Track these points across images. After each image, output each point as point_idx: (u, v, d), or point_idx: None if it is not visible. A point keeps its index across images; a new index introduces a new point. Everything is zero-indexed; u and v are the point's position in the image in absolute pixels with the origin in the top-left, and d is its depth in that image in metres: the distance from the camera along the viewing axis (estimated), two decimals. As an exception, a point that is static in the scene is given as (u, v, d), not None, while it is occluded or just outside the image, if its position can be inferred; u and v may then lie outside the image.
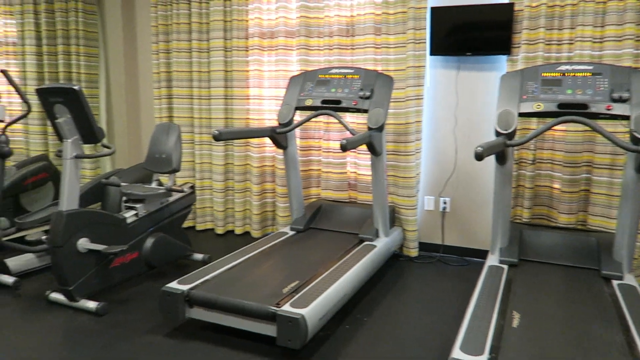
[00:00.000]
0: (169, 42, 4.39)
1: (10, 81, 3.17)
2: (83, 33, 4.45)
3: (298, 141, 4.04)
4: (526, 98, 2.77)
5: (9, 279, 3.12)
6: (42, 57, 4.59)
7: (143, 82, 4.69)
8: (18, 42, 4.60)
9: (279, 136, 3.48)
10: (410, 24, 3.53)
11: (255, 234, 4.31)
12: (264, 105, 4.25)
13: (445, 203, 3.83)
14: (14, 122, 3.25)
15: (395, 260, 3.78)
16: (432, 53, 3.62)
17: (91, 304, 2.79)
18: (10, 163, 4.46)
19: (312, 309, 2.33)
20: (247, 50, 4.17)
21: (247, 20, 4.13)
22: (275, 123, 4.22)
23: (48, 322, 2.71)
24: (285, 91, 3.58)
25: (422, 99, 3.65)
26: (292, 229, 3.66)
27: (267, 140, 4.27)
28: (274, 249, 3.23)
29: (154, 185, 3.44)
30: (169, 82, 4.45)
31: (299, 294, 2.47)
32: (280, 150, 4.01)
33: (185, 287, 2.54)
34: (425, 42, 3.56)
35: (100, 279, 2.91)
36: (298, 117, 4.03)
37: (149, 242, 3.20)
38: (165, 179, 4.05)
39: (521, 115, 2.77)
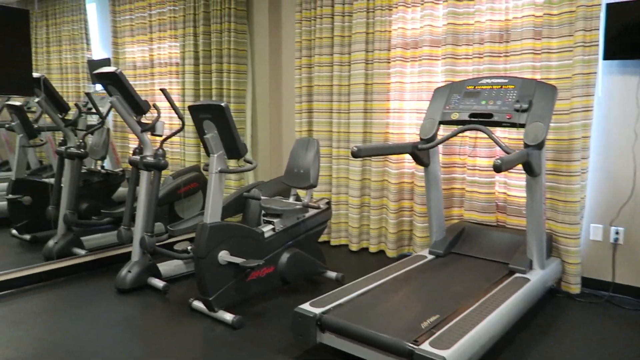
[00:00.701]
0: (311, 57, 4.42)
1: (168, 99, 3.42)
2: (234, 52, 4.70)
3: (441, 157, 3.75)
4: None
5: (159, 283, 3.35)
6: (199, 75, 4.96)
7: (286, 96, 4.80)
8: (180, 62, 5.03)
9: (421, 153, 3.24)
10: (580, 25, 3.05)
11: (390, 253, 4.11)
12: (405, 119, 4.04)
13: (617, 233, 3.23)
14: (170, 137, 3.50)
15: (551, 296, 3.28)
16: (606, 57, 3.09)
17: (228, 316, 2.83)
18: (168, 172, 4.87)
19: (456, 351, 2.06)
20: (388, 62, 4.01)
21: (389, 31, 3.98)
22: (416, 138, 3.98)
23: (189, 329, 2.81)
24: (429, 104, 3.34)
25: (591, 110, 3.13)
26: (431, 253, 3.39)
27: (407, 155, 4.05)
28: (411, 275, 2.99)
29: (292, 199, 3.44)
30: (309, 96, 4.48)
31: (440, 331, 2.21)
32: (421, 167, 3.76)
33: (317, 311, 2.44)
34: (597, 45, 3.05)
35: (238, 292, 2.96)
36: (442, 132, 3.74)
37: (285, 257, 3.19)
38: (303, 193, 4.05)
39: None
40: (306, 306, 2.50)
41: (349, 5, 4.14)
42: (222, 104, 2.76)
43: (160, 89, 3.42)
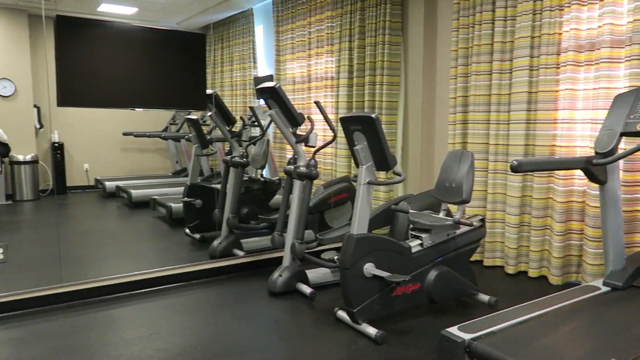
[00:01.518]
0: (467, 66, 4.21)
1: (321, 111, 3.53)
2: (387, 64, 4.69)
3: (621, 174, 3.24)
4: None
5: (307, 289, 3.45)
6: (352, 88, 5.06)
7: (439, 107, 4.64)
8: (334, 75, 5.20)
9: (597, 168, 2.83)
10: None
11: (553, 280, 3.67)
12: (576, 130, 3.60)
13: None
14: (322, 148, 3.61)
15: None
16: None
17: (371, 330, 2.78)
18: (320, 182, 5.05)
19: (637, 407, 1.72)
20: (557, 67, 3.62)
21: (559, 34, 3.59)
22: (589, 152, 3.51)
23: (333, 338, 2.83)
24: (607, 113, 2.91)
25: None
26: (606, 284, 2.93)
27: (577, 171, 3.59)
28: (580, 307, 2.61)
29: (442, 214, 3.28)
30: (464, 107, 4.26)
31: (616, 380, 1.87)
32: (595, 185, 3.30)
33: (466, 336, 2.26)
34: None
35: (382, 306, 2.89)
36: (623, 145, 3.24)
37: (432, 274, 3.04)
38: (454, 208, 3.85)
39: None
40: (454, 330, 2.33)
41: (512, 8, 3.84)
42: (372, 115, 2.74)
43: (315, 102, 3.55)
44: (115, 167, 7.73)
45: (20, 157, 6.63)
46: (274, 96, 3.36)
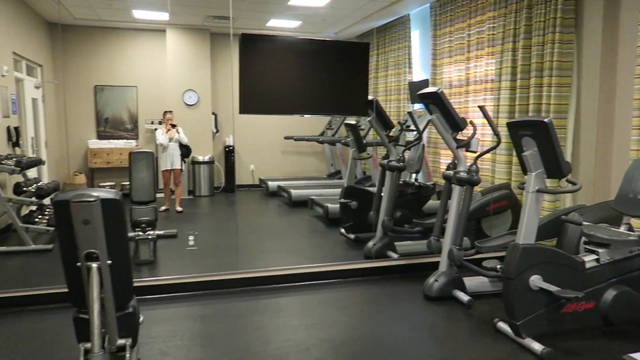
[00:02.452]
0: (658, 63, 3.72)
1: (485, 115, 3.43)
2: (557, 64, 4.36)
3: None
4: None
5: (464, 297, 3.38)
6: (515, 91, 4.80)
7: (619, 110, 4.17)
8: (495, 78, 4.99)
9: None
10: None
11: None
12: None
13: None
14: (484, 153, 3.51)
15: None
16: None
17: (536, 346, 2.64)
18: (477, 189, 4.89)
19: None
20: None
21: None
22: None
23: (492, 350, 2.74)
24: None
25: None
26: None
27: None
28: None
29: (623, 228, 2.96)
30: (653, 109, 3.77)
31: None
32: None
33: (655, 365, 2.02)
34: None
35: (549, 322, 2.72)
36: None
37: (610, 294, 2.76)
38: (636, 222, 3.45)
39: None
40: (638, 357, 2.11)
41: None
42: (546, 120, 2.60)
43: (479, 106, 3.47)
44: (277, 168, 8.42)
45: (200, 158, 7.60)
46: (436, 101, 3.37)
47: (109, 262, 2.04)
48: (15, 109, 5.60)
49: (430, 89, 3.41)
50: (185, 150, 6.56)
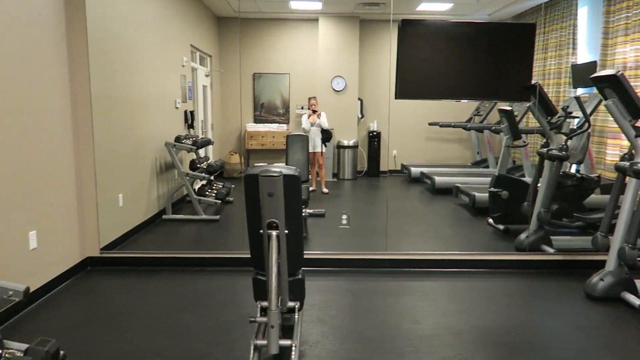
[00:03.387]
0: None
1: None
2: None
3: None
4: None
5: (636, 301, 3.09)
6: None
7: None
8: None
9: None
10: None
11: None
12: None
13: None
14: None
15: None
16: None
17: None
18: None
19: None
20: None
21: None
22: None
23: (672, 361, 2.49)
24: None
25: None
26: None
27: None
28: None
29: None
30: None
31: None
32: None
33: None
34: None
35: None
36: None
37: None
38: None
39: None
40: None
41: None
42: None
43: (665, 90, 3.09)
44: (419, 154, 8.36)
45: (345, 142, 7.86)
46: (615, 85, 3.07)
47: (286, 231, 2.27)
48: (191, 95, 6.37)
49: (608, 72, 3.11)
50: (325, 135, 6.87)
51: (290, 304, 2.48)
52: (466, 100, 7.51)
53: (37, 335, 2.62)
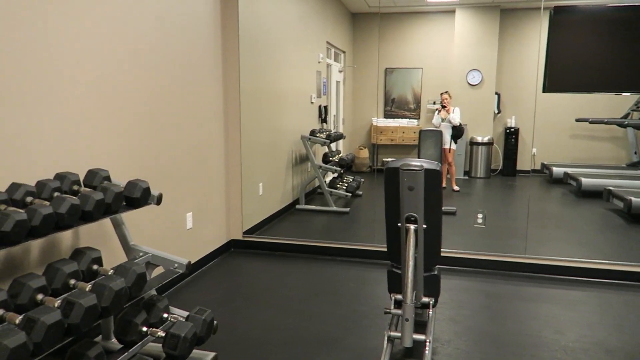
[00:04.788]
0: None
1: None
2: None
3: None
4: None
5: None
6: None
7: None
8: None
9: None
10: None
11: None
12: None
13: None
14: None
15: None
16: None
17: None
18: None
19: None
20: None
21: None
22: None
23: None
24: None
25: None
26: None
27: None
28: None
29: None
30: None
31: None
32: None
33: None
34: None
35: None
36: None
37: None
38: None
39: None
40: None
41: None
42: None
43: None
44: (563, 153, 7.68)
45: (479, 139, 7.52)
46: None
47: (424, 226, 2.26)
48: (325, 91, 6.58)
49: None
50: (456, 131, 6.62)
51: (425, 299, 2.46)
52: (628, 94, 6.70)
53: (190, 305, 2.94)
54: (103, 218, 2.08)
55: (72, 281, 1.95)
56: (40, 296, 1.80)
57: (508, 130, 7.62)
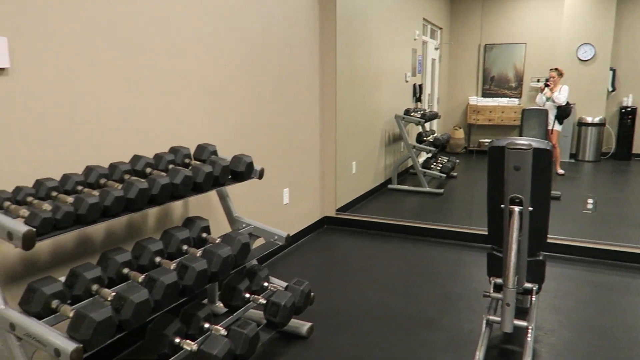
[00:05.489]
0: None
1: None
2: None
3: None
4: None
5: None
6: None
7: None
8: None
9: None
10: None
11: None
12: None
13: None
14: None
15: None
16: None
17: None
18: None
19: None
20: None
21: None
22: None
23: None
24: None
25: None
26: None
27: None
28: None
29: None
30: None
31: None
32: None
33: None
34: None
35: None
36: None
37: None
38: None
39: None
40: None
41: None
42: None
43: None
44: (690, 136, 6.86)
45: (589, 119, 6.92)
46: None
47: (530, 208, 2.14)
48: (420, 69, 6.41)
49: None
50: (560, 112, 6.13)
51: (527, 285, 2.35)
52: None
53: (286, 277, 3.05)
54: (211, 189, 2.21)
55: (185, 247, 2.11)
56: (158, 258, 1.97)
57: (624, 110, 6.91)
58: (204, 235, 2.27)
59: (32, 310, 1.56)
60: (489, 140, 7.73)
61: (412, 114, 5.38)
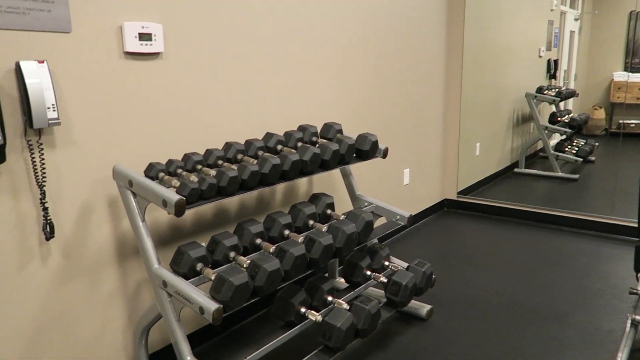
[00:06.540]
0: None
1: None
2: None
3: None
4: None
5: None
6: None
7: None
8: None
9: None
10: None
11: None
12: None
13: None
14: None
15: None
16: None
17: None
18: None
19: None
20: None
21: None
22: None
23: None
24: None
25: None
26: None
27: None
28: None
29: None
30: None
31: None
32: None
33: None
34: None
35: None
36: None
37: None
38: None
39: None
40: None
41: None
42: None
43: None
44: None
45: None
46: None
47: (695, 199, 1.87)
48: (556, 43, 5.86)
49: None
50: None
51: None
52: None
53: (406, 257, 3.03)
54: (337, 167, 2.26)
55: (311, 222, 2.19)
56: (287, 231, 2.07)
57: None
58: (329, 211, 2.34)
59: (180, 271, 1.74)
60: (635, 122, 6.88)
61: (545, 92, 4.96)
